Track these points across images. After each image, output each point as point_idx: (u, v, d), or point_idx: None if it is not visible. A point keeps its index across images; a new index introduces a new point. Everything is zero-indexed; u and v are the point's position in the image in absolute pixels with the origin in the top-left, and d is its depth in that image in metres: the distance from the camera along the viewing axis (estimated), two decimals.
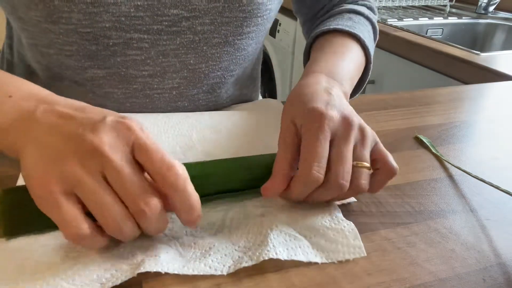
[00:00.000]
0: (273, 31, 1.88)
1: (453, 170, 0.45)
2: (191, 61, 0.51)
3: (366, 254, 0.32)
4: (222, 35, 0.50)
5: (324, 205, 0.37)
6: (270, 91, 2.07)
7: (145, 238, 0.32)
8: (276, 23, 1.84)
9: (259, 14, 0.50)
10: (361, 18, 0.56)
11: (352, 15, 0.56)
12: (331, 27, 0.52)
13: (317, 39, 0.54)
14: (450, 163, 0.46)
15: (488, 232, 0.36)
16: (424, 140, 0.51)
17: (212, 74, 0.53)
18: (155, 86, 0.51)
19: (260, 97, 0.73)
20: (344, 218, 0.35)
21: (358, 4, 0.60)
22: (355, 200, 0.39)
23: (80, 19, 0.43)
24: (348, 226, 0.34)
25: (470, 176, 0.44)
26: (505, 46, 1.47)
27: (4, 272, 0.29)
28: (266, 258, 0.30)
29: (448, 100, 0.65)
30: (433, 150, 0.49)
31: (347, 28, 0.52)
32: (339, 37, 0.51)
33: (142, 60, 0.48)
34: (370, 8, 0.60)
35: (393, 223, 0.36)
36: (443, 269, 0.32)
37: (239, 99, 0.62)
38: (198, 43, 0.50)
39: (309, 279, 0.30)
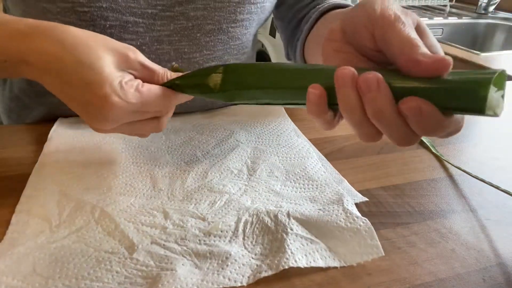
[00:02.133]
0: (273, 31, 1.88)
1: (453, 170, 0.45)
2: (186, 50, 0.51)
3: (384, 254, 0.32)
4: (215, 21, 0.51)
5: (337, 199, 0.37)
6: None
7: (157, 246, 0.32)
8: None
9: (252, 1, 0.51)
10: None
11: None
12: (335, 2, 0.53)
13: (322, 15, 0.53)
14: (450, 163, 0.46)
15: (488, 232, 0.36)
16: (424, 140, 0.51)
17: (206, 65, 0.54)
18: None
19: None
20: (359, 215, 0.35)
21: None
22: (367, 199, 0.39)
23: None
24: (364, 224, 0.33)
25: (470, 176, 0.44)
26: (505, 46, 1.47)
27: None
28: (286, 267, 0.30)
29: None
30: (433, 150, 0.49)
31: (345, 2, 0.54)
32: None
33: (138, 46, 0.49)
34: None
35: (393, 223, 0.36)
36: (443, 269, 0.32)
37: None
38: (191, 29, 0.50)
39: (309, 279, 0.30)
